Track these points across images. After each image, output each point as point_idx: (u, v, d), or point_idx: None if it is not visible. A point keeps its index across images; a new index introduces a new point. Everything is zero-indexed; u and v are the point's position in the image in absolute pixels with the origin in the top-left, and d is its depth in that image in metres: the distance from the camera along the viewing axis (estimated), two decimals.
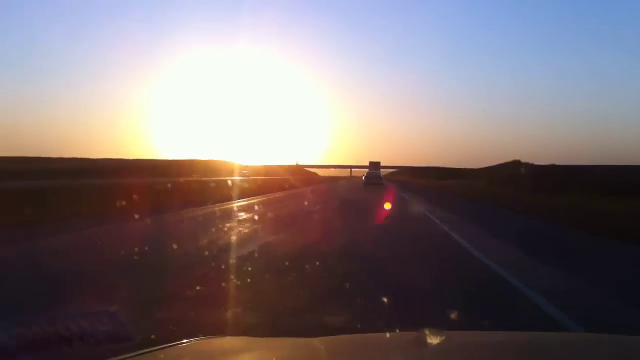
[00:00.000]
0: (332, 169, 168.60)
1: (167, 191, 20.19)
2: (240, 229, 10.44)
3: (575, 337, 2.19)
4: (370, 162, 67.71)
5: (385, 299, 4.60)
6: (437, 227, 11.57)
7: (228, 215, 14.19)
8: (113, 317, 1.52)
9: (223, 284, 5.27)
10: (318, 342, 1.51)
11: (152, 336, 2.70)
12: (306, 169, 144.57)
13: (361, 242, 8.80)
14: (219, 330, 3.59)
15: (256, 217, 13.31)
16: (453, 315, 3.73)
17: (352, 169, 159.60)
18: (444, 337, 1.45)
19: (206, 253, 7.28)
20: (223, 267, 6.30)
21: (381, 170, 63.09)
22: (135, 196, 16.03)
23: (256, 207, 17.16)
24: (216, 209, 16.21)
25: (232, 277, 5.67)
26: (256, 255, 7.17)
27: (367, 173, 46.65)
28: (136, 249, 7.37)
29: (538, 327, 3.85)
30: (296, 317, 4.12)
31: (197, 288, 5.03)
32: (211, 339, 1.73)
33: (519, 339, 1.77)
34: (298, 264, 6.27)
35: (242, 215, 13.82)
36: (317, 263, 6.38)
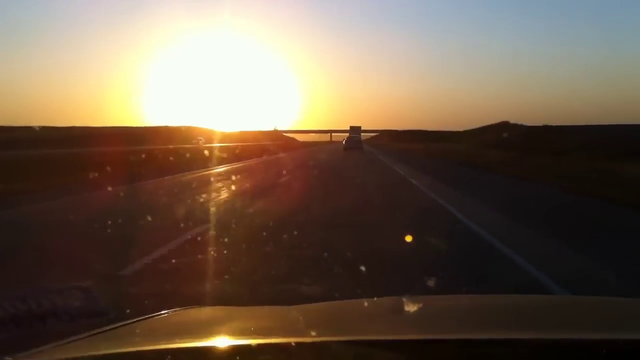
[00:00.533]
0: (312, 134, 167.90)
1: (134, 160, 19.66)
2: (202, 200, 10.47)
3: (561, 300, 2.22)
4: (351, 127, 69.08)
5: None
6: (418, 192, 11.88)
7: (200, 184, 14.01)
8: (86, 292, 1.50)
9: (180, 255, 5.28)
10: (296, 311, 1.53)
11: (127, 310, 2.69)
12: (285, 134, 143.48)
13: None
14: (196, 301, 3.53)
15: (220, 187, 13.01)
16: None
17: (332, 134, 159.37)
18: (421, 303, 1.48)
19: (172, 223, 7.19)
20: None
21: (362, 134, 62.63)
22: (104, 166, 15.69)
23: (219, 178, 16.06)
24: (187, 177, 16.05)
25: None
26: (215, 226, 7.13)
27: (347, 138, 47.24)
28: (96, 222, 7.25)
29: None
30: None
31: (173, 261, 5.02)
32: (189, 310, 1.74)
33: (497, 302, 1.79)
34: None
35: (210, 186, 13.58)
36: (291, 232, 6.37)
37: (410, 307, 1.43)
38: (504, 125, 53.61)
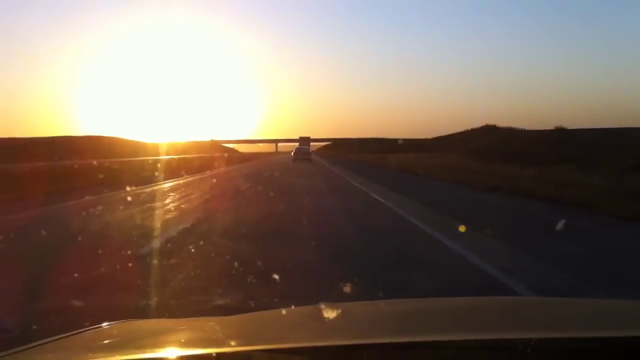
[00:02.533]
0: (256, 144, 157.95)
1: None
2: None
3: (491, 301, 2.17)
4: (301, 137, 73.90)
5: None
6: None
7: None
8: None
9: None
10: (216, 322, 1.66)
11: (34, 327, 2.87)
12: (224, 144, 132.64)
13: None
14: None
15: None
16: None
17: (278, 143, 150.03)
18: (340, 309, 1.51)
19: None
20: None
21: (312, 144, 64.43)
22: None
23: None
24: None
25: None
26: None
27: (296, 149, 47.93)
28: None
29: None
30: None
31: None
32: (125, 323, 1.75)
33: (416, 306, 1.90)
34: None
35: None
36: None
37: (329, 314, 1.46)
38: (489, 130, 45.76)
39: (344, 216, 9.51)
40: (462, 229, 7.28)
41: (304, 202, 11.99)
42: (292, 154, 46.13)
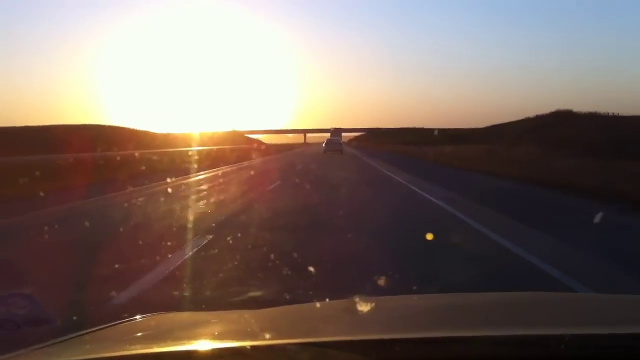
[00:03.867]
0: (283, 135, 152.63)
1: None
2: None
3: (526, 297, 2.07)
4: (333, 129, 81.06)
5: None
6: None
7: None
8: (28, 299, 1.62)
9: None
10: (250, 315, 1.68)
11: (74, 317, 3.08)
12: (248, 135, 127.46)
13: None
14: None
15: None
16: None
17: (307, 134, 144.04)
18: (374, 303, 1.57)
19: None
20: None
21: (344, 134, 68.76)
22: None
23: None
24: None
25: None
26: None
27: (328, 139, 49.31)
28: None
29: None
30: None
31: None
32: (158, 315, 1.82)
33: (449, 301, 1.91)
34: None
35: None
36: None
37: (364, 308, 1.50)
38: (562, 116, 38.57)
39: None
40: None
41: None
42: (324, 144, 47.35)
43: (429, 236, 6.03)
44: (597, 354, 1.14)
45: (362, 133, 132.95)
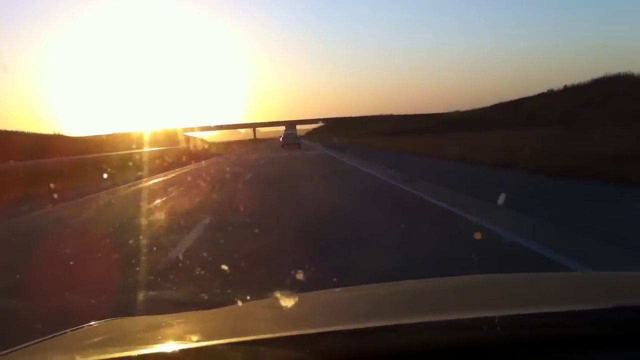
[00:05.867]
0: (230, 131, 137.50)
1: None
2: None
3: (472, 280, 2.12)
4: (287, 122, 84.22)
5: None
6: None
7: None
8: None
9: None
10: (170, 319, 1.69)
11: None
12: (188, 134, 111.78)
13: None
14: None
15: None
16: None
17: (257, 128, 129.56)
18: (297, 298, 1.57)
19: None
20: None
21: (299, 128, 66.00)
22: None
23: None
24: None
25: None
26: None
27: (284, 134, 49.39)
28: None
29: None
30: None
31: None
32: (112, 321, 1.80)
33: (375, 291, 1.89)
34: None
35: None
36: None
37: (287, 303, 1.52)
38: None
39: None
40: None
41: None
42: (281, 139, 47.99)
43: None
44: (530, 335, 1.16)
45: (321, 124, 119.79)
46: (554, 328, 1.16)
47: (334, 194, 10.41)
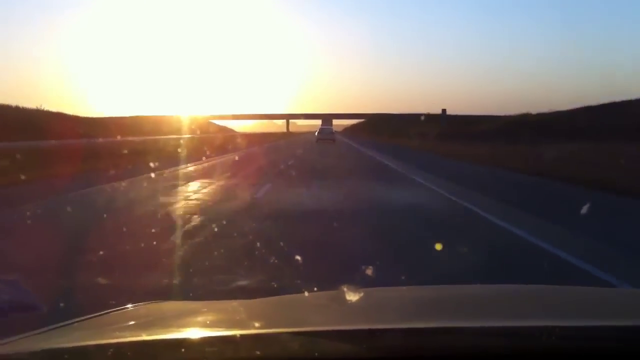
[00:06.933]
0: (262, 121, 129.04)
1: None
2: None
3: (514, 289, 2.15)
4: (324, 116, 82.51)
5: None
6: None
7: None
8: (14, 286, 1.70)
9: None
10: (240, 305, 1.75)
11: (61, 304, 2.96)
12: (214, 121, 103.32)
13: None
14: None
15: None
16: None
17: (291, 120, 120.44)
18: (362, 293, 1.58)
19: None
20: None
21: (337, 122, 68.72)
22: None
23: None
24: None
25: None
26: None
27: (320, 128, 50.98)
28: None
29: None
30: None
31: None
32: (149, 305, 1.85)
33: (439, 292, 1.92)
34: None
35: None
36: None
37: (352, 298, 1.52)
38: None
39: None
40: None
41: None
42: (316, 133, 49.15)
43: None
44: (586, 346, 1.16)
45: (360, 120, 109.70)
46: (613, 341, 1.16)
47: None
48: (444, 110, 59.95)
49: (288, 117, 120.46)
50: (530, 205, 9.10)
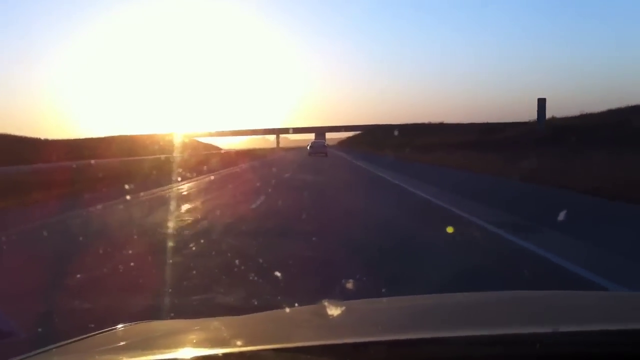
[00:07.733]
0: (248, 137, 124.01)
1: None
2: None
3: (503, 296, 2.13)
4: (317, 128, 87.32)
5: None
6: None
7: None
8: None
9: None
10: (220, 322, 1.72)
11: (39, 329, 2.93)
12: (199, 139, 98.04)
13: None
14: None
15: None
16: None
17: (281, 135, 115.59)
18: (344, 307, 1.56)
19: None
20: None
21: (331, 136, 70.48)
22: None
23: None
24: None
25: None
26: None
27: (312, 142, 51.30)
28: None
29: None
30: None
31: None
32: (137, 325, 1.84)
33: (424, 302, 1.93)
34: None
35: None
36: None
37: (334, 312, 1.51)
38: None
39: None
40: None
41: None
42: (308, 147, 49.18)
43: None
44: (576, 352, 1.15)
45: (355, 132, 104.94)
46: (604, 346, 1.14)
47: None
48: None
49: (278, 131, 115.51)
50: None
